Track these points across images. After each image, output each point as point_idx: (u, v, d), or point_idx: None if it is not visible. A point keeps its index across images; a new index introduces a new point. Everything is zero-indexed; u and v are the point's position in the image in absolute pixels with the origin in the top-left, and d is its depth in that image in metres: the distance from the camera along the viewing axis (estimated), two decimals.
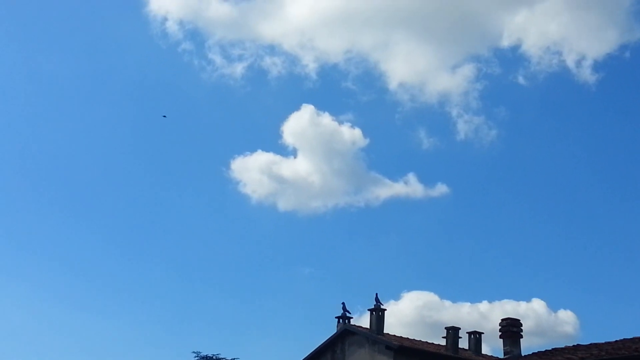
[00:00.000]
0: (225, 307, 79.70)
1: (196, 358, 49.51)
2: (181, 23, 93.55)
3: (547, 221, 79.57)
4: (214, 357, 49.49)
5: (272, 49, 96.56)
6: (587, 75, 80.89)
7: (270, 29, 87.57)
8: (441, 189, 79.22)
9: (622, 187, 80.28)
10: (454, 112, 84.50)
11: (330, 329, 40.31)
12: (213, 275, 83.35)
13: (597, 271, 75.56)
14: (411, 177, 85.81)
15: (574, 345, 23.81)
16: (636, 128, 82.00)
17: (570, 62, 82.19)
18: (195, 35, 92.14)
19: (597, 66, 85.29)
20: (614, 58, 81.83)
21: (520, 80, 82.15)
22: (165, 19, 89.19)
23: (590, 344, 23.01)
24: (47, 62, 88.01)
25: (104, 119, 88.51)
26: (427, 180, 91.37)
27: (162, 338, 77.99)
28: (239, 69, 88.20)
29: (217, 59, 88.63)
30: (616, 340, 22.42)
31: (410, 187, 78.96)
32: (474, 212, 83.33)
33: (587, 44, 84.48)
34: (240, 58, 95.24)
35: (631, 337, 22.44)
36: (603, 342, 22.78)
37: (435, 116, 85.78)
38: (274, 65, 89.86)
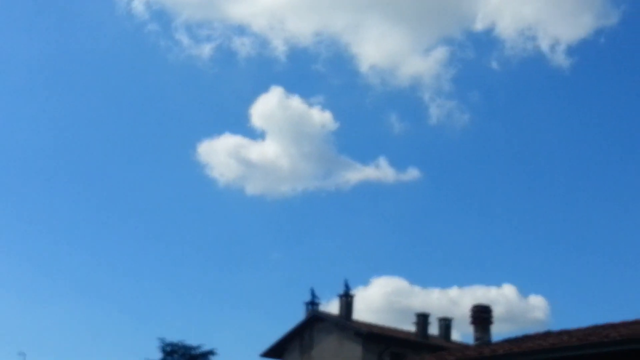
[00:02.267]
0: (191, 293, 78.99)
1: (161, 345, 49.13)
2: (147, 3, 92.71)
3: (518, 206, 79.55)
4: (179, 344, 49.06)
5: (241, 30, 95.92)
6: (561, 59, 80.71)
7: (239, 10, 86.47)
8: (413, 173, 78.93)
9: (594, 172, 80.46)
10: (426, 96, 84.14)
11: (298, 315, 39.97)
12: (179, 261, 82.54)
13: (567, 256, 75.62)
14: (382, 161, 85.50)
15: (544, 332, 23.55)
16: (609, 113, 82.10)
17: (544, 46, 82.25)
18: (162, 15, 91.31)
19: (571, 51, 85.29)
20: (588, 43, 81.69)
21: (494, 64, 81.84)
22: None
23: (561, 331, 22.73)
24: (10, 43, 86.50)
25: (69, 101, 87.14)
26: (398, 164, 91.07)
27: (126, 325, 77.17)
28: (206, 49, 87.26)
29: (184, 40, 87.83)
30: (587, 327, 22.16)
31: (381, 171, 78.59)
32: (445, 197, 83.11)
33: (562, 28, 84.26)
34: (208, 38, 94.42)
35: (602, 323, 22.20)
36: (574, 328, 22.54)
37: (407, 100, 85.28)
38: (242, 46, 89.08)
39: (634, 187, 76.76)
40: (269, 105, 78.70)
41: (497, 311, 26.60)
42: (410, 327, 39.33)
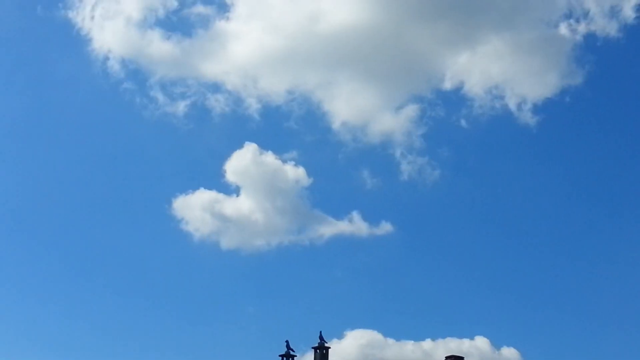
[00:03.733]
0: (168, 344, 78.71)
1: None
2: (123, 62, 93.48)
3: (489, 259, 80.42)
4: None
5: (215, 88, 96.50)
6: (528, 117, 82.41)
7: (213, 68, 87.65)
8: (385, 227, 79.62)
9: (562, 226, 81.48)
10: (398, 153, 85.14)
11: None
12: (155, 315, 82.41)
13: (540, 308, 76.40)
14: (355, 215, 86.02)
15: None
16: (574, 169, 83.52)
17: (511, 104, 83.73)
18: (137, 73, 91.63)
19: (538, 109, 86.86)
20: (554, 102, 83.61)
21: (463, 122, 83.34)
22: (107, 58, 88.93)
23: None
24: None
25: (45, 157, 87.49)
26: (371, 218, 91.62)
27: None
28: (181, 107, 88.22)
29: (160, 97, 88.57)
30: None
31: (354, 225, 79.21)
32: (418, 250, 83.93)
33: (528, 87, 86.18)
34: (182, 96, 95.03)
35: None
36: None
37: (378, 156, 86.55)
38: (217, 103, 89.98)
39: (601, 240, 78.01)
40: (243, 161, 79.57)
41: None
42: None
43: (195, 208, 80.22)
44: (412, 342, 73.59)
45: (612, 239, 77.57)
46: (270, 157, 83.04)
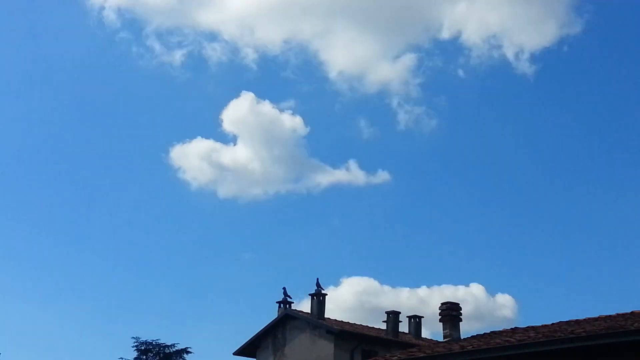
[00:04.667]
0: (165, 293, 79.34)
1: (136, 344, 49.36)
2: (119, 11, 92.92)
3: (485, 207, 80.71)
4: (154, 343, 49.32)
5: (212, 36, 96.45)
6: (525, 67, 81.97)
7: (209, 17, 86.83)
8: (382, 175, 79.69)
9: (558, 174, 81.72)
10: (394, 102, 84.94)
11: (271, 314, 40.45)
12: (153, 262, 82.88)
13: (534, 255, 76.88)
14: (352, 164, 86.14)
15: (511, 328, 24.16)
16: (571, 118, 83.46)
17: (509, 54, 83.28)
18: (133, 23, 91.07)
19: (535, 59, 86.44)
20: (552, 51, 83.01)
21: (460, 71, 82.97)
22: (102, 8, 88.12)
23: (528, 327, 23.37)
24: None
25: (41, 107, 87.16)
26: (368, 167, 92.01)
27: (101, 325, 77.32)
28: (177, 56, 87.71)
29: (156, 47, 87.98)
30: (552, 323, 22.81)
31: (351, 173, 79.28)
32: (414, 199, 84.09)
33: (526, 36, 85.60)
34: (179, 45, 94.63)
35: (567, 319, 22.90)
36: (540, 324, 23.20)
37: (375, 106, 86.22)
38: (213, 52, 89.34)
39: (598, 187, 78.30)
40: (240, 111, 79.20)
41: (465, 310, 27.24)
42: (381, 325, 39.96)
43: (192, 157, 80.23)
44: (408, 289, 74.24)
45: (609, 187, 77.86)
46: (267, 106, 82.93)
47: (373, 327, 40.11)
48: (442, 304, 26.16)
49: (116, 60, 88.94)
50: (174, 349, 49.59)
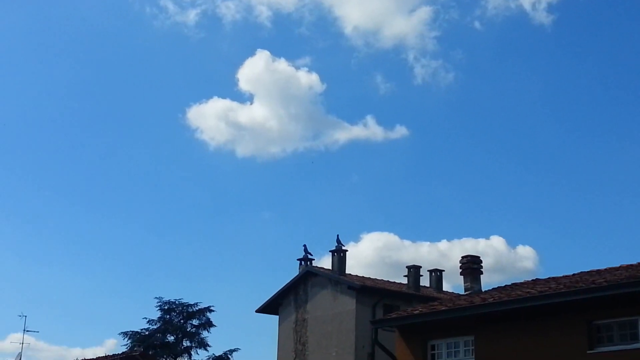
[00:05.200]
0: (187, 253, 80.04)
1: (159, 304, 49.85)
2: None
3: (504, 159, 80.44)
4: (177, 302, 49.80)
5: None
6: (542, 17, 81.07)
7: None
8: (401, 130, 79.54)
9: (577, 124, 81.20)
10: (411, 57, 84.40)
11: (292, 271, 40.63)
12: (174, 223, 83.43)
13: (554, 206, 76.73)
14: (370, 119, 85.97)
15: (532, 280, 24.22)
16: (589, 68, 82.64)
17: (526, 4, 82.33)
18: None
19: (552, 8, 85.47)
20: (569, 1, 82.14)
21: (477, 23, 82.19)
22: None
23: (549, 278, 23.42)
24: None
25: (57, 70, 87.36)
26: (385, 122, 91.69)
27: (124, 285, 78.31)
28: (192, 15, 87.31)
29: (170, 6, 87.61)
30: (574, 274, 22.86)
31: (369, 129, 79.13)
32: (432, 153, 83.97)
33: None
34: (192, 4, 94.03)
35: (588, 269, 22.92)
36: (561, 275, 23.24)
37: (391, 61, 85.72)
38: (227, 10, 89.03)
39: (618, 136, 77.70)
40: (256, 69, 78.91)
41: (486, 262, 27.38)
42: (402, 280, 40.05)
43: (209, 117, 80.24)
44: (429, 243, 74.46)
45: (630, 135, 77.16)
46: (282, 64, 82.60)
47: (394, 282, 40.21)
48: (463, 257, 26.26)
49: (130, 21, 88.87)
50: (197, 308, 50.09)
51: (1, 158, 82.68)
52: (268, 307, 41.06)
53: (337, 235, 39.44)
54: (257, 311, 41.51)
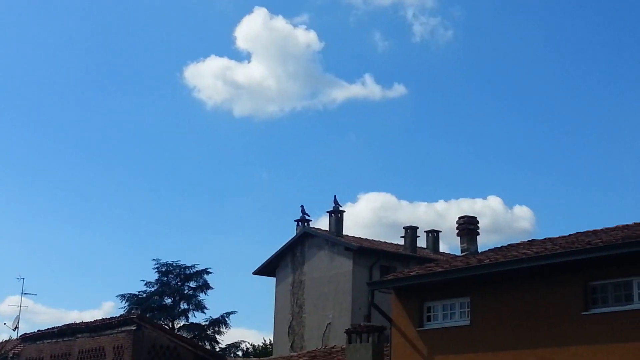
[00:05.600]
0: (184, 213, 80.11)
1: (156, 265, 49.97)
2: None
3: (502, 118, 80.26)
4: (174, 264, 49.91)
5: None
6: None
7: None
8: (399, 89, 79.25)
9: (577, 86, 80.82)
10: (409, 14, 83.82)
11: (289, 232, 40.67)
12: (171, 182, 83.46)
13: (552, 165, 76.70)
14: (368, 78, 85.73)
15: (529, 241, 24.18)
16: (589, 21, 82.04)
17: None
18: None
19: None
20: None
21: None
22: None
23: (545, 239, 23.39)
24: None
25: (53, 27, 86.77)
26: (384, 81, 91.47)
27: (122, 247, 78.49)
28: None
29: None
30: (570, 234, 22.81)
31: (367, 88, 78.84)
32: (431, 112, 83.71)
33: None
34: None
35: (585, 230, 22.87)
36: (557, 236, 23.19)
37: (390, 18, 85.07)
38: None
39: (617, 93, 77.33)
40: (253, 27, 78.38)
41: (483, 223, 27.32)
42: (399, 240, 40.12)
43: (206, 76, 79.84)
44: (426, 203, 74.53)
45: (630, 90, 76.76)
46: (280, 22, 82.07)
47: (391, 243, 40.29)
48: (460, 218, 26.15)
49: None
50: (194, 270, 50.24)
51: (2, 116, 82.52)
52: (265, 269, 41.16)
53: (335, 196, 39.48)
54: (254, 273, 41.61)
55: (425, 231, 41.79)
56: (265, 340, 50.66)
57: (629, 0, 79.66)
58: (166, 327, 41.75)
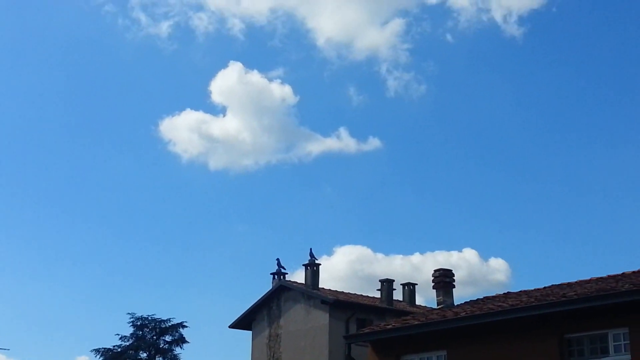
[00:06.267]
0: (159, 267, 79.50)
1: (131, 319, 49.52)
2: None
3: (476, 171, 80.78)
4: (149, 318, 49.50)
5: (198, 7, 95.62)
6: (513, 29, 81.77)
7: None
8: (374, 142, 79.62)
9: (548, 135, 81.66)
10: (383, 69, 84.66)
11: (265, 285, 40.56)
12: (146, 236, 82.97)
13: (527, 218, 77.07)
14: (343, 131, 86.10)
15: (504, 293, 24.31)
16: (560, 79, 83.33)
17: (497, 17, 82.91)
18: None
19: (523, 20, 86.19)
20: (540, 13, 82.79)
21: (449, 35, 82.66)
22: None
23: (520, 291, 23.52)
24: None
25: (29, 82, 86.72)
26: (359, 134, 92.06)
27: (95, 300, 77.57)
28: (164, 27, 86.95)
29: (142, 18, 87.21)
30: (545, 287, 22.98)
31: (342, 141, 79.19)
32: (406, 165, 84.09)
33: None
34: (165, 16, 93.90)
35: (560, 282, 23.04)
36: (533, 288, 23.34)
37: (364, 73, 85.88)
38: (200, 22, 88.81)
39: (589, 147, 78.31)
40: (229, 81, 78.75)
41: (459, 275, 27.44)
42: (375, 293, 40.10)
43: (182, 129, 79.84)
44: (401, 256, 74.48)
45: (601, 146, 77.74)
46: (255, 76, 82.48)
47: (367, 296, 40.27)
48: (435, 270, 26.24)
49: (102, 34, 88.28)
50: (170, 324, 49.81)
51: None
52: (241, 323, 40.94)
53: (310, 249, 39.51)
54: (230, 327, 41.37)
55: (401, 284, 41.85)
56: None
57: (592, 55, 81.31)
58: None
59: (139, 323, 49.38)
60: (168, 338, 49.98)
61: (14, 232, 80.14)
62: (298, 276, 41.01)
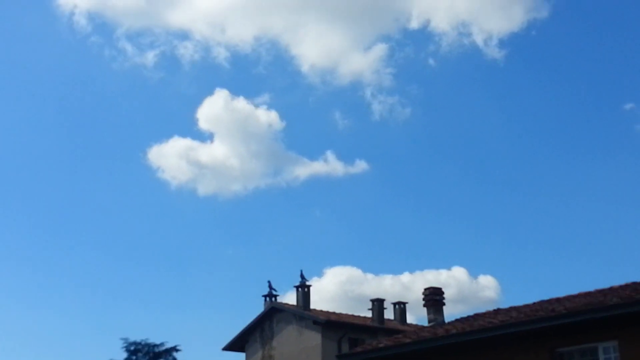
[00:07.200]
0: (152, 291, 79.42)
1: (125, 344, 49.52)
2: (89, 15, 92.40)
3: (462, 191, 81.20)
4: (143, 342, 49.50)
5: (183, 36, 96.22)
6: (494, 52, 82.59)
7: (179, 17, 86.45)
8: (361, 165, 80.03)
9: (532, 155, 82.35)
10: (368, 93, 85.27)
11: (257, 308, 40.75)
12: (138, 262, 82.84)
13: (515, 235, 77.56)
14: (330, 155, 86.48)
15: (494, 310, 24.55)
16: (542, 101, 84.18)
17: (478, 40, 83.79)
18: (104, 26, 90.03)
19: (504, 44, 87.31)
20: (520, 36, 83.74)
21: (431, 59, 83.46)
22: (72, 13, 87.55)
23: (510, 307, 23.76)
24: None
25: (17, 111, 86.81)
26: (345, 157, 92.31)
27: (88, 325, 77.38)
28: (150, 57, 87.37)
29: (128, 48, 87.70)
30: (534, 302, 23.23)
31: (329, 165, 79.56)
32: (393, 187, 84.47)
33: (494, 22, 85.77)
34: (151, 46, 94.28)
35: (549, 297, 23.32)
36: (522, 304, 23.60)
37: (349, 98, 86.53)
38: (185, 50, 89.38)
39: (571, 167, 79.03)
40: (215, 108, 79.17)
41: (448, 293, 27.67)
42: (366, 313, 40.31)
43: (170, 156, 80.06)
44: (391, 275, 74.67)
45: (582, 168, 78.57)
46: (241, 103, 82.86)
47: (358, 316, 40.47)
48: (425, 289, 26.49)
49: (89, 64, 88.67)
50: (163, 348, 49.75)
51: None
52: (234, 345, 41.08)
53: (301, 271, 39.78)
54: (223, 349, 41.50)
55: (392, 303, 42.08)
56: None
57: (571, 75, 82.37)
58: None
59: (132, 348, 49.26)
60: None
61: (6, 259, 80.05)
62: (289, 298, 41.27)
